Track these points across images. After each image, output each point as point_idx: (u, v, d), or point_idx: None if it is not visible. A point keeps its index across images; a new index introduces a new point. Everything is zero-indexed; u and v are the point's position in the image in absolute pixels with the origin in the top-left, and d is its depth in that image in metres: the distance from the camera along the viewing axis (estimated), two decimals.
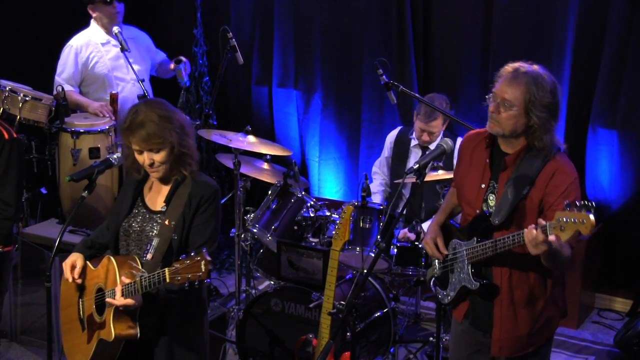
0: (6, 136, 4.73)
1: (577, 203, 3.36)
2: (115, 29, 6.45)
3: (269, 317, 5.35)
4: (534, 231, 3.46)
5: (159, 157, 3.87)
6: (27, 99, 6.14)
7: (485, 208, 3.88)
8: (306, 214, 5.61)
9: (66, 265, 4.01)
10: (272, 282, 5.49)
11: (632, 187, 6.55)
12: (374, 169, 6.45)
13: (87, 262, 4.04)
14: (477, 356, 4.06)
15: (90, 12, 6.66)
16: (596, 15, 6.43)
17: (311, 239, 5.54)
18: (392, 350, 5.56)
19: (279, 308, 5.32)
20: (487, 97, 3.89)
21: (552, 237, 3.43)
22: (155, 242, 3.89)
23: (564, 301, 4.02)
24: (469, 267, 3.88)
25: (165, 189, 4.00)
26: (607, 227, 6.65)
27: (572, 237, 3.41)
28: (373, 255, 5.12)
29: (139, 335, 3.87)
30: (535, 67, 3.83)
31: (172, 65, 6.78)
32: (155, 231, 3.93)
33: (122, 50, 6.32)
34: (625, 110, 6.42)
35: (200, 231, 3.92)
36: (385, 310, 5.40)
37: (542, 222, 3.49)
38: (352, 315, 3.91)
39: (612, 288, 6.80)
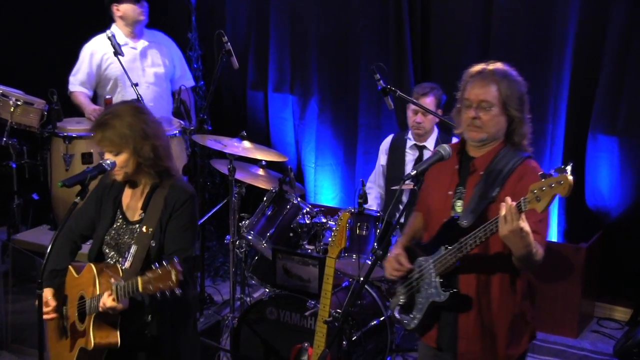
0: None
1: (553, 170, 3.36)
2: (108, 32, 6.44)
3: (263, 325, 5.35)
4: (506, 206, 3.42)
5: (117, 160, 3.96)
6: (18, 103, 6.15)
7: (452, 214, 3.83)
8: (302, 221, 5.60)
9: (44, 304, 4.04)
10: (267, 290, 5.48)
11: (632, 194, 6.58)
12: (368, 184, 6.41)
13: (71, 269, 4.07)
14: None
15: (115, 11, 6.71)
16: (596, 22, 6.47)
17: (307, 246, 5.54)
18: (388, 359, 5.56)
19: (274, 316, 5.32)
20: (457, 105, 3.88)
21: (522, 223, 3.40)
22: (133, 249, 3.95)
23: (533, 318, 3.95)
24: (437, 279, 3.79)
25: (141, 197, 4.06)
26: (607, 234, 6.67)
27: (550, 203, 3.36)
28: (370, 262, 5.14)
29: (119, 344, 3.89)
30: (497, 63, 3.85)
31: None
32: (133, 239, 3.98)
33: (115, 54, 6.33)
34: (625, 116, 6.46)
35: (174, 237, 3.96)
36: (382, 319, 5.42)
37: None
38: (348, 324, 3.91)
39: (612, 297, 6.82)
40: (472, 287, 3.79)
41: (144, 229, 3.96)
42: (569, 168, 3.30)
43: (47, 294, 4.06)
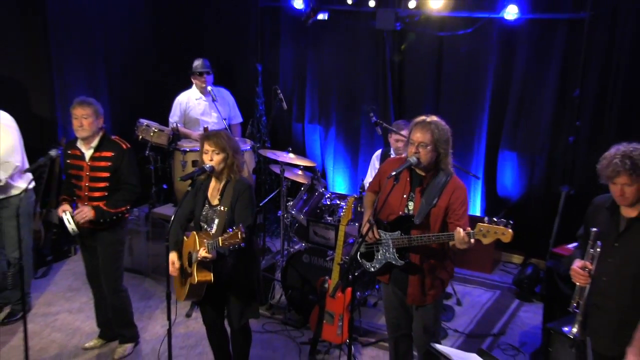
0: (125, 147, 4.63)
1: (496, 219, 3.32)
2: (209, 88, 6.49)
3: (301, 266, 5.36)
4: (462, 233, 3.40)
5: (217, 158, 3.96)
6: (155, 130, 6.20)
7: (406, 211, 3.77)
8: (325, 202, 5.60)
9: (170, 263, 4.05)
10: (303, 244, 5.49)
11: (525, 188, 6.58)
12: (366, 185, 6.35)
13: (184, 237, 4.09)
14: (401, 307, 3.98)
15: (192, 78, 6.69)
16: (504, 79, 6.46)
17: (328, 218, 5.53)
18: (377, 287, 5.57)
19: (308, 260, 5.34)
20: (404, 144, 3.80)
21: (472, 240, 3.41)
22: (216, 221, 3.97)
23: (452, 269, 3.95)
24: (394, 250, 3.75)
25: (219, 188, 4.06)
26: (510, 211, 6.66)
27: (492, 241, 3.34)
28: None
29: (212, 280, 3.93)
30: (433, 117, 3.71)
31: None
32: (216, 215, 4.01)
33: (213, 100, 6.38)
34: (521, 140, 6.45)
35: (240, 213, 3.94)
36: None
37: (465, 231, 3.41)
38: (352, 265, 3.95)
39: (512, 248, 6.81)
40: (417, 258, 3.79)
41: (222, 208, 3.97)
42: (509, 225, 3.29)
43: (173, 256, 4.04)
